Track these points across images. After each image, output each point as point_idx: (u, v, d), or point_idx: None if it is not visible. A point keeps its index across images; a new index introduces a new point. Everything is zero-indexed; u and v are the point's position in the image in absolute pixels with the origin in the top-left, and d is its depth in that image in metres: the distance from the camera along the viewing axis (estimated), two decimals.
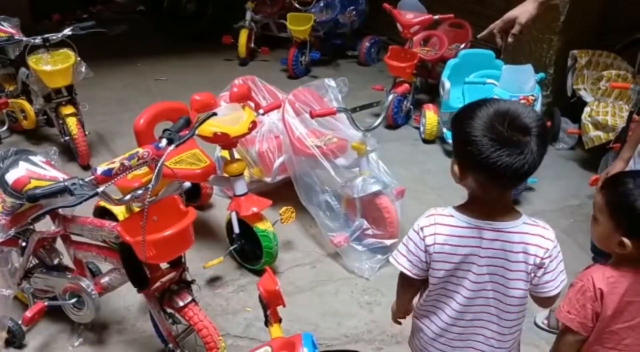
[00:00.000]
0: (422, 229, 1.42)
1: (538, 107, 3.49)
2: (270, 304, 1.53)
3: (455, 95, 4.14)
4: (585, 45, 4.23)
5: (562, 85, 4.37)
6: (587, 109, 3.87)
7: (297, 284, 2.89)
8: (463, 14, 5.06)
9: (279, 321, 1.56)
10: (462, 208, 1.43)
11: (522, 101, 3.40)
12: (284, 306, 1.54)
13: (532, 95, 3.47)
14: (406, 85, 3.54)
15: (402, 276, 1.52)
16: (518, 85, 3.51)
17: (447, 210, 1.44)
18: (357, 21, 6.15)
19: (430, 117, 4.35)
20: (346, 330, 2.61)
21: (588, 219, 1.65)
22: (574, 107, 4.21)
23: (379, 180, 2.93)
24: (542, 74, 3.76)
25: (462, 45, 4.86)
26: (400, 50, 4.52)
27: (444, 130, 4.26)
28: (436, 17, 4.58)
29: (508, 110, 1.27)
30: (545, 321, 2.60)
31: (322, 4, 5.80)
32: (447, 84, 4.14)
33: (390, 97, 3.20)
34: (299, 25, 5.55)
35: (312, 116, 2.88)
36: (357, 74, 5.79)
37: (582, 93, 4.09)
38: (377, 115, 3.25)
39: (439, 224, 1.41)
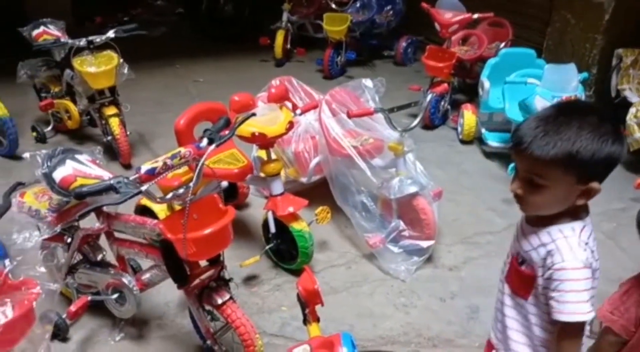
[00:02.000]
0: (587, 261, 1.30)
1: None
2: (309, 303, 1.54)
3: (495, 95, 4.07)
4: (631, 44, 4.11)
5: (606, 85, 4.25)
6: (632, 110, 3.75)
7: (332, 284, 2.89)
8: (503, 13, 4.98)
9: (317, 320, 1.56)
10: (577, 215, 1.35)
11: None
12: (323, 305, 1.55)
13: (575, 95, 3.39)
14: (445, 85, 3.51)
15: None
16: (560, 85, 3.44)
17: (579, 226, 1.34)
18: (394, 21, 6.13)
19: (469, 117, 4.30)
20: (382, 331, 2.60)
21: (632, 222, 1.60)
22: (617, 108, 4.09)
23: (416, 181, 2.90)
24: (585, 74, 3.67)
25: (502, 44, 4.78)
26: (438, 49, 4.48)
27: (483, 130, 4.20)
28: (475, 16, 4.52)
29: (591, 110, 1.30)
30: (588, 327, 2.53)
31: (358, 4, 5.81)
32: (487, 84, 4.08)
33: (429, 97, 3.17)
34: (335, 26, 5.56)
35: (349, 116, 2.88)
36: (393, 74, 5.77)
37: (627, 93, 3.98)
38: (414, 115, 3.23)
39: (588, 243, 1.33)
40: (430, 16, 4.62)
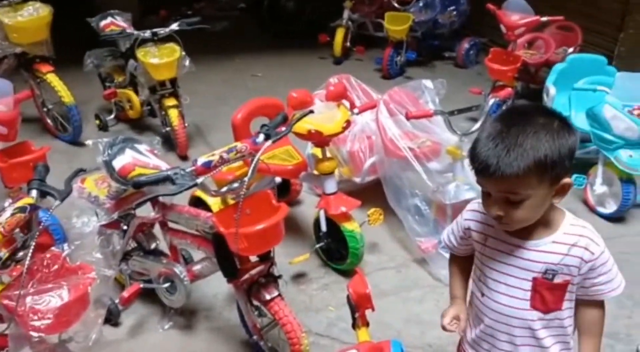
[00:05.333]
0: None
1: None
2: (359, 307, 1.50)
3: (560, 102, 3.90)
4: None
5: None
6: None
7: (381, 287, 2.84)
8: (574, 17, 4.77)
9: (367, 324, 1.53)
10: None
11: (637, 111, 3.15)
12: (373, 310, 1.51)
13: None
14: (508, 89, 3.39)
15: None
16: (633, 94, 3.25)
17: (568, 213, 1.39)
18: (457, 22, 5.98)
19: None
20: (430, 339, 2.53)
21: None
22: None
23: (473, 187, 2.80)
24: None
25: (570, 50, 4.58)
26: (502, 52, 4.33)
27: None
28: (544, 18, 4.35)
29: (534, 110, 1.32)
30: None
31: (421, 4, 5.67)
32: (552, 90, 3.91)
33: (492, 101, 3.07)
34: (396, 25, 5.47)
35: (407, 118, 2.82)
36: (453, 76, 5.62)
37: None
38: (474, 119, 3.13)
39: None
40: (495, 18, 4.48)
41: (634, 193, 3.27)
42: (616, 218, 3.37)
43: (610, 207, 3.38)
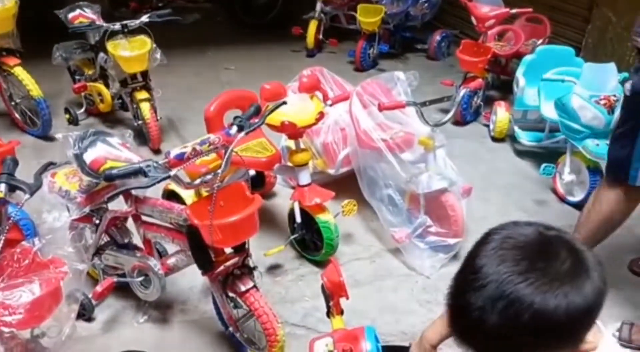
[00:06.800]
0: None
1: (619, 109, 3.29)
2: (334, 295, 1.52)
3: (530, 93, 3.98)
4: None
5: None
6: None
7: (355, 277, 2.87)
8: (542, 9, 4.86)
9: (341, 312, 1.55)
10: None
11: (603, 101, 3.23)
12: (348, 298, 1.53)
13: (614, 96, 3.29)
14: (479, 80, 3.44)
15: None
16: (599, 85, 3.33)
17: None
18: (429, 14, 6.03)
19: (502, 114, 4.21)
20: (404, 327, 2.57)
21: None
22: None
23: (445, 177, 2.85)
24: (625, 74, 3.54)
25: (539, 41, 4.67)
26: (473, 44, 4.39)
27: (516, 128, 4.11)
28: (514, 11, 4.42)
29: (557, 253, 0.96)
30: (616, 333, 2.46)
31: None
32: (522, 81, 3.98)
33: (463, 92, 3.11)
34: (369, 17, 5.49)
35: (380, 109, 2.84)
36: (425, 68, 5.68)
37: None
38: (446, 110, 3.16)
39: None
40: (467, 9, 4.53)
41: (600, 181, 3.36)
42: (584, 206, 3.45)
43: (578, 195, 3.46)
